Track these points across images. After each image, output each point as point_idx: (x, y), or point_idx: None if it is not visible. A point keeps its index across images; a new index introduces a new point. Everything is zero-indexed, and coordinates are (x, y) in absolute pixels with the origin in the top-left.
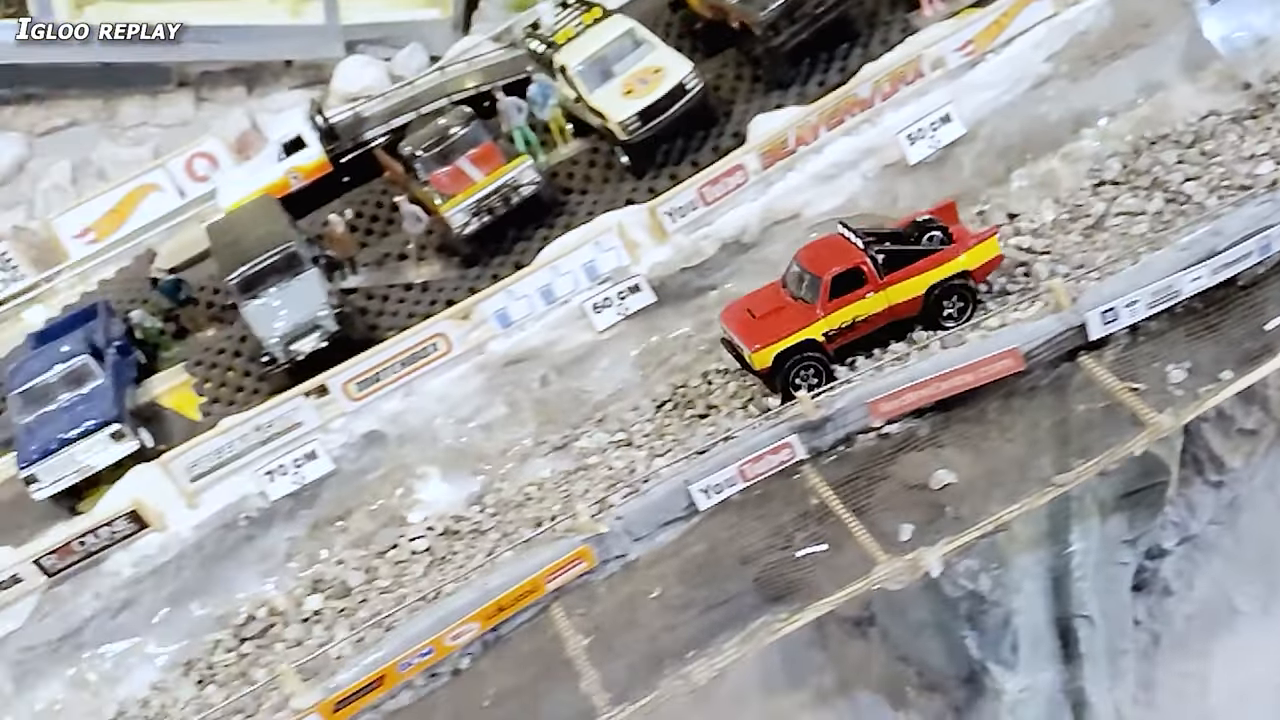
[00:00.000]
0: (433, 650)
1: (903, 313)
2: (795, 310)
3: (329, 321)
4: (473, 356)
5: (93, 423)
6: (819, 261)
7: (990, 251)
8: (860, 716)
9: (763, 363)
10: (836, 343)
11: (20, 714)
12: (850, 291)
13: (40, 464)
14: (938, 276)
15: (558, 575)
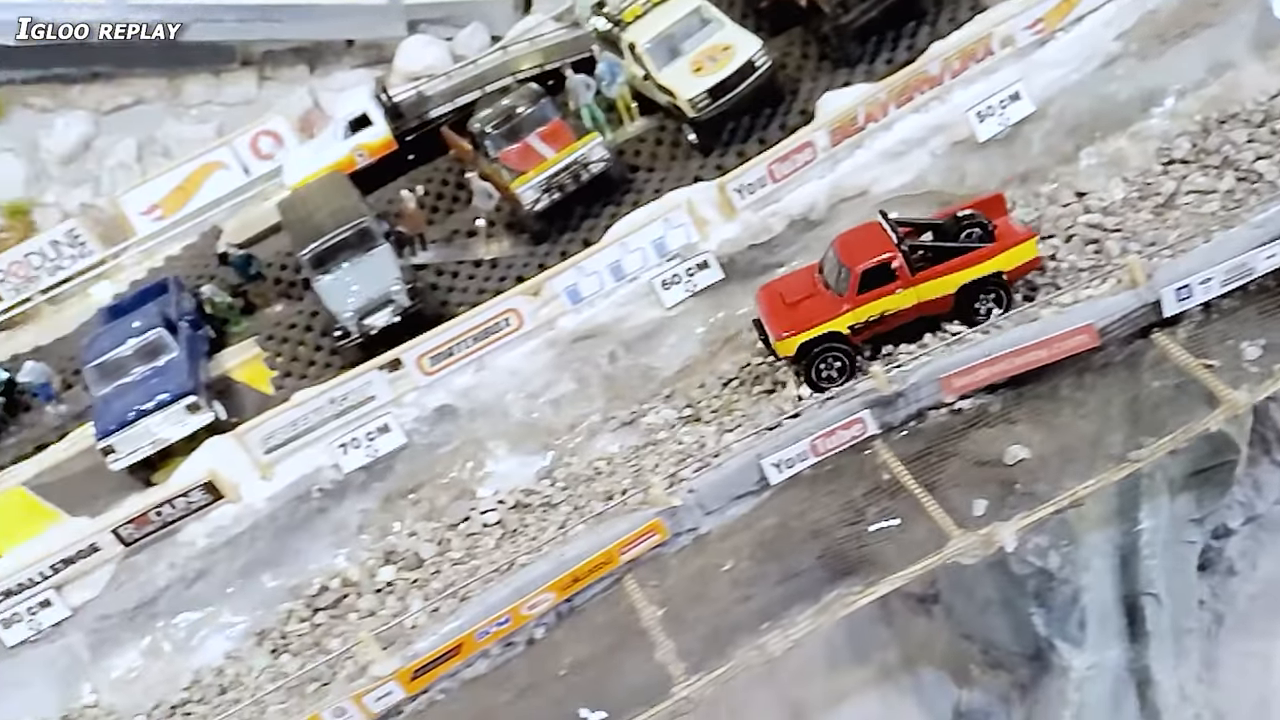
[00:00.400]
0: (509, 620)
1: (933, 309)
2: (824, 300)
3: (402, 296)
4: (543, 332)
5: (169, 395)
6: (852, 253)
7: (1028, 254)
8: (924, 693)
9: (786, 351)
10: (863, 335)
11: (97, 681)
12: (880, 286)
13: (118, 435)
14: (971, 276)
15: (631, 547)
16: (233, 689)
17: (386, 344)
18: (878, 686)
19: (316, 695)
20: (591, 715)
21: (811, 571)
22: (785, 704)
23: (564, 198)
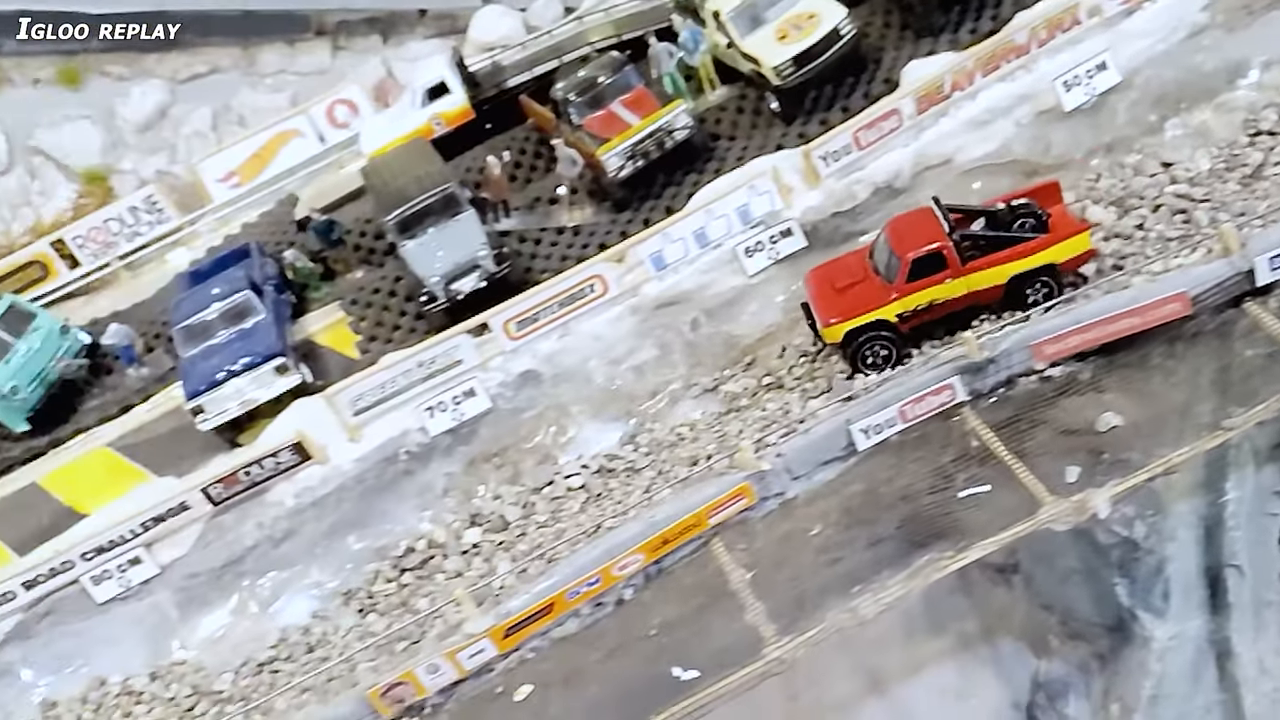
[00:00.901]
0: (599, 580)
1: (983, 299)
2: (873, 287)
3: (488, 262)
4: (626, 299)
5: (257, 356)
6: (903, 240)
7: (1081, 245)
8: (1002, 664)
9: (832, 338)
10: (911, 323)
11: (185, 639)
12: (930, 275)
13: (207, 396)
14: (1022, 267)
15: (719, 511)
16: (320, 648)
17: (471, 309)
18: (955, 657)
19: (406, 654)
20: (684, 674)
21: (900, 537)
22: (863, 672)
23: (647, 165)
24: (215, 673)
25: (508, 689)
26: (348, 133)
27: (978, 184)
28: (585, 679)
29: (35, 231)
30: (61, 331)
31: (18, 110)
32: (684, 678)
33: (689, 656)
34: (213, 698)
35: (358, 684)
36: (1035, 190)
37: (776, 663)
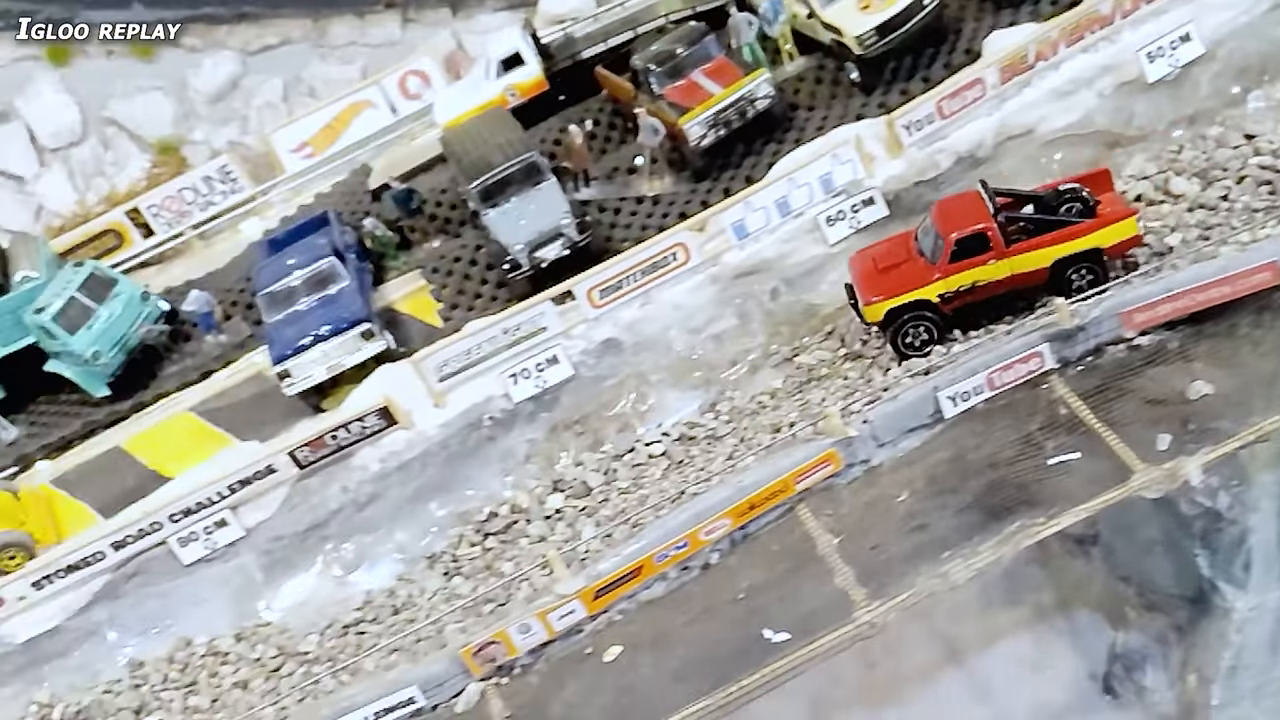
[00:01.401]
0: (687, 544)
1: (1026, 282)
2: (916, 268)
3: (571, 230)
4: (707, 268)
5: (344, 322)
6: (947, 221)
7: (1128, 231)
8: (1079, 635)
9: (874, 317)
10: (954, 304)
11: (270, 600)
12: (973, 256)
13: (293, 360)
14: (1067, 251)
15: (805, 477)
16: (405, 610)
17: (553, 277)
18: (1032, 628)
19: (494, 616)
20: (774, 636)
21: (988, 503)
22: (939, 641)
23: (729, 134)
24: (300, 634)
25: (597, 650)
26: (420, 104)
27: (1059, 155)
28: (674, 640)
29: (110, 201)
30: (142, 298)
31: (91, 81)
32: (775, 640)
33: (777, 620)
34: (299, 658)
35: (446, 645)
36: (1087, 177)
37: (867, 626)
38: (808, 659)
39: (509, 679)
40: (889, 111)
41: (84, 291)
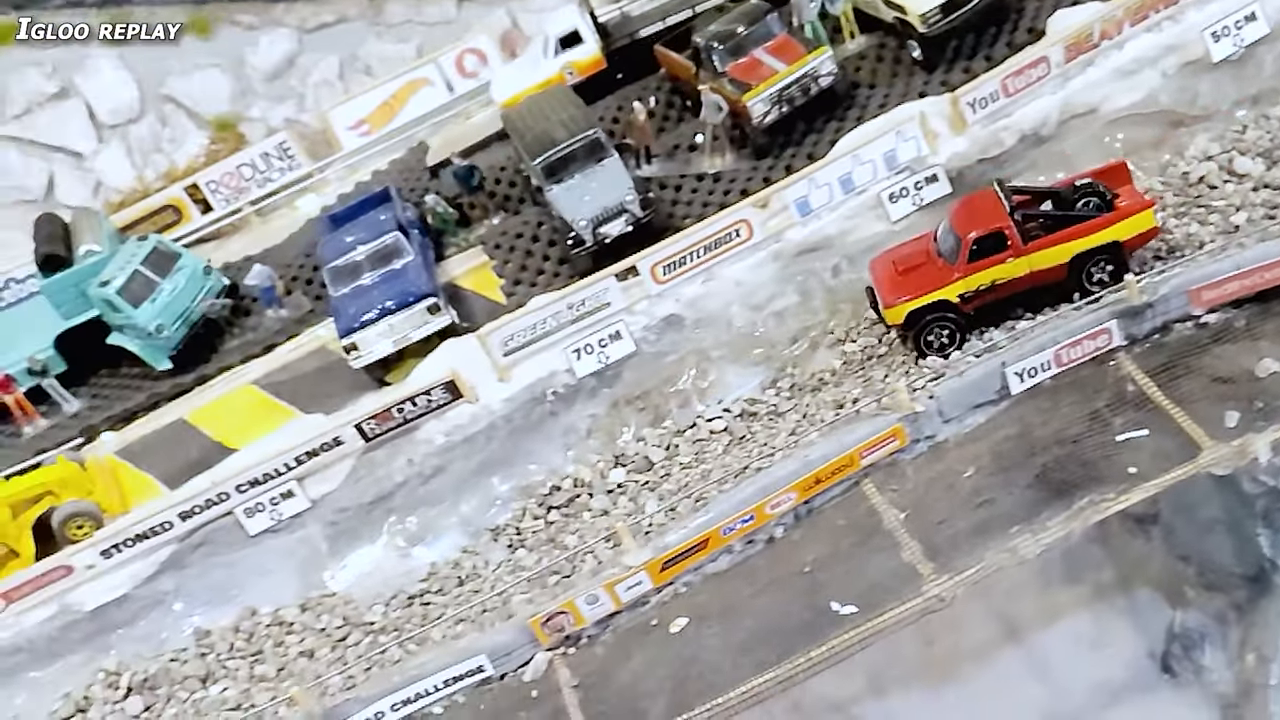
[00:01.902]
0: (753, 517)
1: (1046, 279)
2: (935, 269)
3: (635, 206)
4: (770, 244)
5: (410, 296)
6: (964, 221)
7: (1145, 223)
8: (1138, 613)
9: (895, 319)
10: (974, 304)
11: (335, 571)
12: (992, 254)
13: (360, 334)
14: (1085, 246)
15: (871, 452)
16: (470, 581)
17: (615, 254)
18: (1091, 606)
19: (560, 587)
20: (842, 609)
21: (1056, 480)
22: (998, 619)
23: (791, 111)
24: (365, 605)
25: (662, 621)
26: (476, 82)
27: (1122, 134)
28: (740, 612)
29: (169, 177)
30: (204, 272)
31: (149, 59)
32: (842, 612)
33: (843, 593)
34: (364, 628)
35: (513, 615)
36: (1104, 171)
37: (936, 600)
38: (876, 632)
39: (576, 649)
40: (951, 90)
41: (148, 265)
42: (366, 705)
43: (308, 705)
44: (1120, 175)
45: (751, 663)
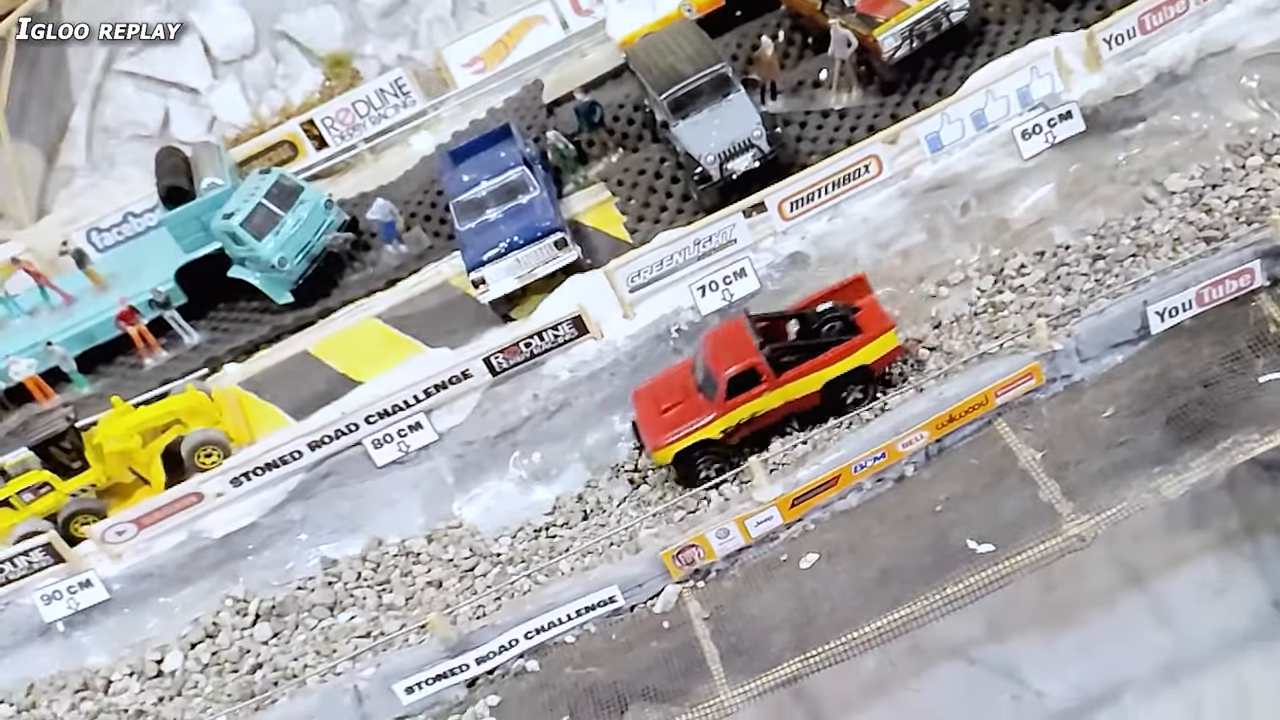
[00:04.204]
0: (885, 455)
1: (801, 406)
2: (696, 406)
3: (763, 142)
4: (898, 181)
5: (538, 230)
6: (718, 358)
7: (888, 344)
8: (1264, 561)
9: (663, 460)
10: (736, 436)
11: (460, 504)
12: (747, 390)
13: (489, 268)
14: (835, 373)
15: (1007, 391)
16: (595, 515)
17: (740, 190)
18: (1216, 552)
19: (687, 522)
20: (979, 547)
21: (1196, 421)
22: (1120, 565)
23: (922, 46)
24: (491, 537)
25: (792, 557)
26: (591, 20)
27: (1259, 74)
28: (872, 549)
29: (284, 113)
30: (326, 206)
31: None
32: (979, 550)
33: (978, 532)
34: (492, 559)
35: (640, 549)
36: (843, 287)
37: (1076, 539)
38: (1014, 570)
39: (704, 583)
40: (1085, 26)
41: (271, 198)
42: (501, 633)
43: (443, 631)
44: (860, 289)
45: (884, 599)
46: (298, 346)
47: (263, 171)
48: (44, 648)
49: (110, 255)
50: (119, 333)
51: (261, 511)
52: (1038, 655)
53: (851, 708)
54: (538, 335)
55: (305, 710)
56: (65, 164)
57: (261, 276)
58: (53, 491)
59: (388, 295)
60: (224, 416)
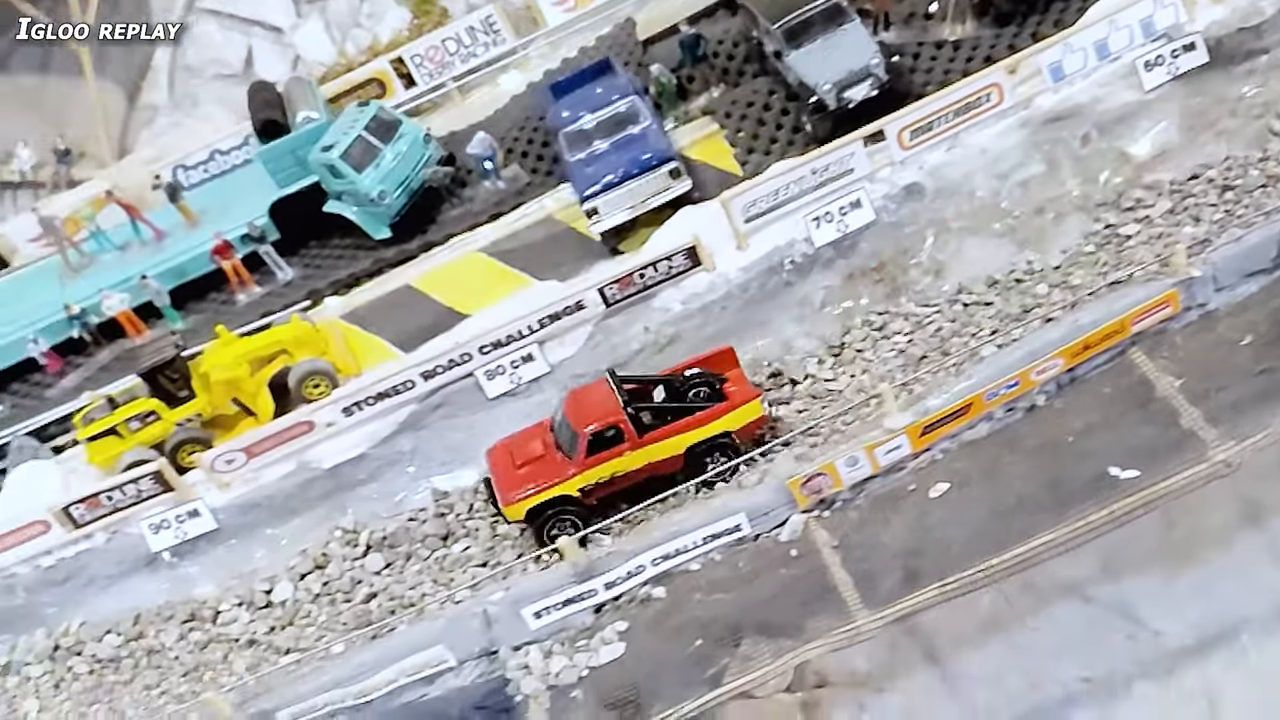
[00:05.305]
0: (1018, 383)
1: (664, 469)
2: (553, 462)
3: (880, 70)
4: (1018, 111)
5: (653, 159)
6: (579, 415)
7: (753, 413)
8: None
9: (515, 515)
10: (595, 495)
11: None
12: (608, 448)
13: (602, 198)
14: (698, 437)
15: (1142, 318)
16: None
17: (854, 121)
18: None
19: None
20: (1122, 473)
21: None
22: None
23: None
24: None
25: (920, 487)
26: None
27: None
28: (1006, 477)
29: (371, 51)
30: (424, 140)
31: None
32: (1122, 477)
33: (1118, 459)
34: None
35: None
36: (711, 356)
37: (1223, 465)
38: (1160, 496)
39: (829, 513)
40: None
41: (370, 131)
42: (627, 559)
43: (572, 555)
44: (728, 360)
45: (1022, 525)
46: (399, 280)
47: (361, 104)
48: (150, 577)
49: (197, 192)
50: (210, 268)
51: (371, 443)
52: (1155, 594)
53: (966, 644)
54: (651, 266)
55: (430, 635)
56: (147, 103)
57: (359, 211)
58: (159, 420)
59: (491, 229)
60: (329, 348)
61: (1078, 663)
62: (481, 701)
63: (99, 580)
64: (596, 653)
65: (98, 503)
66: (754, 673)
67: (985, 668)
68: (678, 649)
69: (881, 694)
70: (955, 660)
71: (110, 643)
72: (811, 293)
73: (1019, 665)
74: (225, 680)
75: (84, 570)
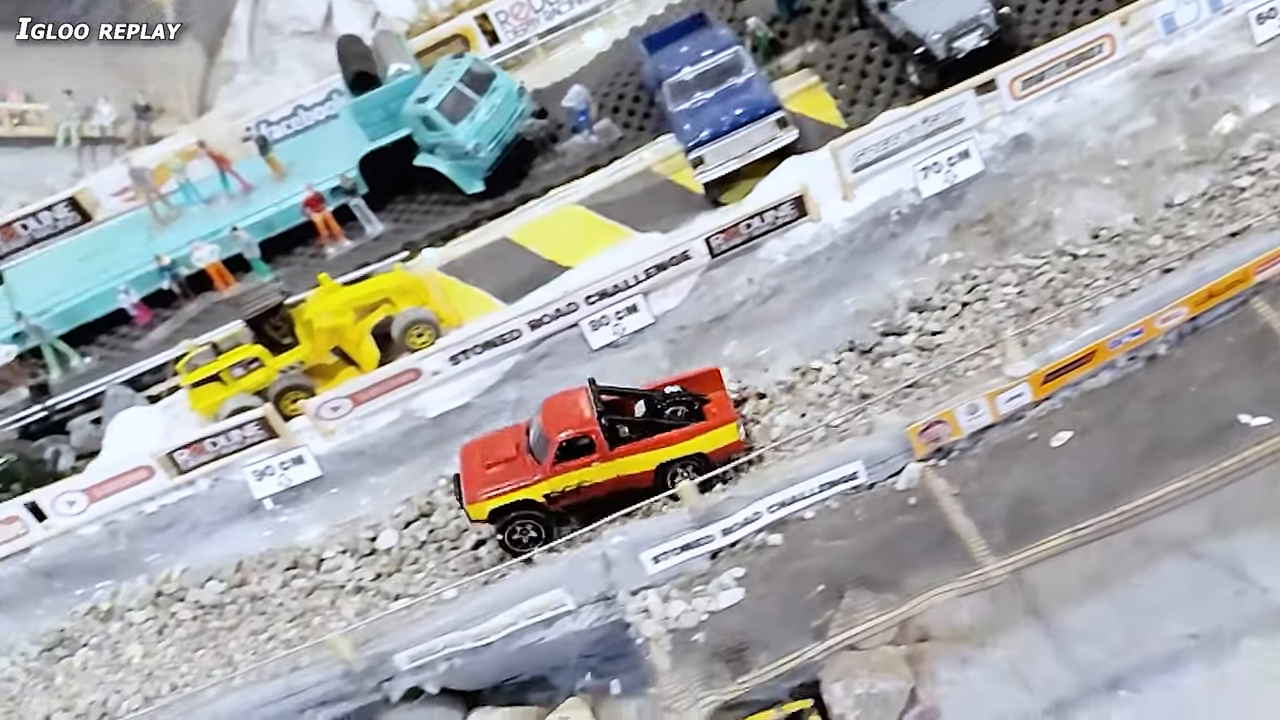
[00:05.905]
0: (1141, 331)
1: (633, 484)
2: (522, 466)
3: (990, 19)
4: (1129, 63)
5: (761, 108)
6: (554, 421)
7: (729, 436)
8: None
9: (478, 514)
10: (561, 503)
11: None
12: (578, 457)
13: (709, 147)
14: (671, 455)
15: (1266, 268)
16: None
17: (962, 72)
18: None
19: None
20: (1253, 420)
21: None
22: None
23: None
24: None
25: (1041, 436)
26: None
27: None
28: (1131, 425)
29: (455, 8)
30: (519, 93)
31: None
32: (1252, 424)
33: (1245, 407)
34: None
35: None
36: (697, 376)
37: None
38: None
39: (947, 461)
40: None
41: (465, 83)
42: (746, 504)
43: (691, 500)
44: (713, 381)
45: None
46: (497, 233)
47: (455, 57)
48: (253, 524)
49: (282, 147)
50: (298, 221)
51: (476, 392)
52: (1264, 551)
53: (1070, 600)
54: (758, 216)
55: (550, 579)
56: (227, 59)
57: (451, 165)
58: (262, 368)
59: (589, 182)
60: (431, 298)
61: (1184, 619)
62: (599, 644)
63: (201, 526)
64: (715, 598)
65: (202, 449)
66: (874, 619)
67: (1089, 623)
68: (794, 595)
69: (984, 648)
70: (1059, 615)
71: (213, 589)
72: (917, 245)
73: (1123, 621)
74: (334, 625)
75: (186, 516)
